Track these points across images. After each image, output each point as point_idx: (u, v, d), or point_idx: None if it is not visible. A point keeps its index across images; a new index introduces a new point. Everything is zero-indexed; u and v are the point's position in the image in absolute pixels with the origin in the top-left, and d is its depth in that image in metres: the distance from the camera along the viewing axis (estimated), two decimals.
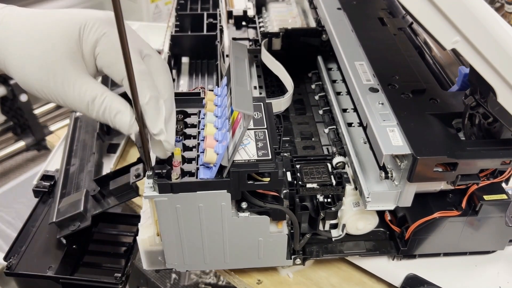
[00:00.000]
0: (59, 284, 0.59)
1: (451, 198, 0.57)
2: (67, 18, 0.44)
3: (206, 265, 0.57)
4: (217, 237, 0.53)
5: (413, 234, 0.56)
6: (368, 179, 0.54)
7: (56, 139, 0.89)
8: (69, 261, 0.62)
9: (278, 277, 0.61)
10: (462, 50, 0.43)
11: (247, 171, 0.47)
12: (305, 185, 0.56)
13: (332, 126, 0.67)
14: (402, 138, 0.50)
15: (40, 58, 0.42)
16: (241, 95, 0.45)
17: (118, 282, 0.58)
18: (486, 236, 0.58)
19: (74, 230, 0.62)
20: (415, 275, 0.58)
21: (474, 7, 0.41)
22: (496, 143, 0.51)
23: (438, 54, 0.68)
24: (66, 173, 0.72)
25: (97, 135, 0.78)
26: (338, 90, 0.71)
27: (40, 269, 0.60)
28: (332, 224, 0.59)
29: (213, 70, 0.79)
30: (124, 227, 0.70)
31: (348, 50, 0.66)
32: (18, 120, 1.80)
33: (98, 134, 0.79)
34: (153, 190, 0.48)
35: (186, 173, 0.47)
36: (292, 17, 0.82)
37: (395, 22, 0.72)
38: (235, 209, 0.51)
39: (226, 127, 0.48)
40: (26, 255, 0.61)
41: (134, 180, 0.61)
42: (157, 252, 0.55)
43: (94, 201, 0.64)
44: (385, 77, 0.59)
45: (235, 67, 0.49)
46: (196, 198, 0.48)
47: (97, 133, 0.79)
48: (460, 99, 0.54)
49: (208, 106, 0.52)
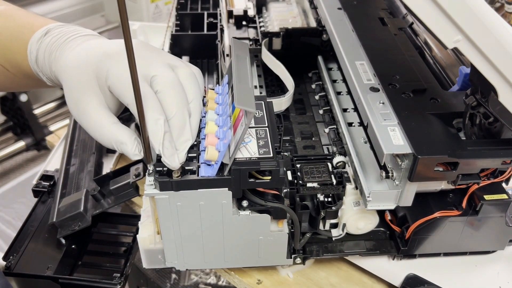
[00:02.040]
0: (58, 284, 0.59)
1: (451, 198, 0.57)
2: (95, 55, 0.49)
3: (206, 264, 0.57)
4: (217, 235, 0.53)
5: (414, 234, 0.56)
6: (368, 179, 0.54)
7: (56, 139, 0.89)
8: (68, 261, 0.62)
9: (278, 277, 0.61)
10: (463, 49, 0.43)
11: (248, 169, 0.47)
12: (305, 184, 0.56)
13: (333, 126, 0.67)
14: (403, 137, 0.50)
15: (71, 89, 0.49)
16: (243, 92, 0.45)
17: (117, 282, 0.58)
18: (486, 236, 0.58)
19: (74, 230, 0.61)
20: (415, 275, 0.58)
21: (476, 6, 0.41)
22: (497, 142, 0.51)
23: (439, 54, 0.68)
24: (66, 173, 0.72)
25: None
26: (339, 90, 0.71)
27: (39, 269, 0.59)
28: (333, 224, 0.59)
29: (213, 70, 0.79)
30: (124, 227, 0.70)
31: (349, 49, 0.66)
32: (18, 120, 1.81)
33: None
34: (154, 188, 0.48)
35: (187, 171, 0.47)
36: (293, 16, 0.82)
37: (395, 22, 0.72)
38: (236, 208, 0.51)
39: (228, 125, 0.48)
40: (25, 255, 0.61)
41: (134, 179, 0.61)
42: (157, 250, 0.55)
43: (94, 201, 0.64)
44: (385, 76, 0.59)
45: (237, 65, 0.49)
46: (197, 196, 0.48)
47: None
48: (460, 99, 0.54)
49: (209, 104, 0.52)
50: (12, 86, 0.66)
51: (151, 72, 0.48)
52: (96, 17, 2.04)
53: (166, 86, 0.47)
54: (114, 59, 0.48)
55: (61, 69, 0.51)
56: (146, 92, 0.46)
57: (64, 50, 0.52)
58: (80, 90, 0.49)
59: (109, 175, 0.65)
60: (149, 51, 0.50)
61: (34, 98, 1.86)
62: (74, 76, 0.49)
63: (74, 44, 0.52)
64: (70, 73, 0.50)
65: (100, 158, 0.77)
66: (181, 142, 0.47)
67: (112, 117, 0.49)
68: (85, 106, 0.48)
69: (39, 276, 0.59)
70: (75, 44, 0.52)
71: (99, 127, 0.48)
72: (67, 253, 0.62)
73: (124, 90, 0.46)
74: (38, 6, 1.81)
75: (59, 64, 0.51)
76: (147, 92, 0.46)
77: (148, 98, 0.46)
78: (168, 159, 0.45)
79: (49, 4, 1.85)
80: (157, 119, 0.45)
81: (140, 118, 0.43)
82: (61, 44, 0.52)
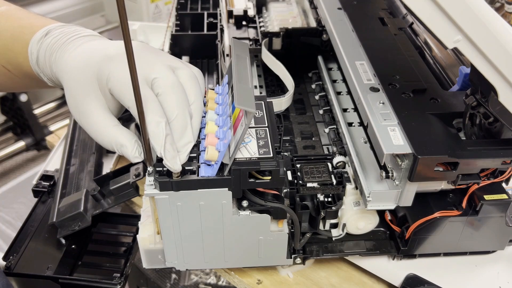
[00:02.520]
0: (58, 284, 0.59)
1: (451, 198, 0.57)
2: (96, 57, 0.50)
3: (206, 264, 0.57)
4: (217, 235, 0.53)
5: (414, 234, 0.56)
6: (368, 179, 0.54)
7: (56, 139, 0.89)
8: (68, 261, 0.62)
9: (278, 277, 0.61)
10: (463, 49, 0.43)
11: (248, 169, 0.47)
12: (305, 184, 0.56)
13: (333, 126, 0.67)
14: (403, 137, 0.50)
15: (72, 90, 0.50)
16: (243, 92, 0.45)
17: (117, 282, 0.58)
18: (486, 236, 0.58)
19: (74, 230, 0.61)
20: (415, 275, 0.58)
21: (476, 6, 0.41)
22: (497, 142, 0.51)
23: (439, 54, 0.68)
24: (66, 173, 0.72)
25: None
26: (339, 90, 0.71)
27: (39, 269, 0.59)
28: (333, 224, 0.59)
29: (213, 70, 0.79)
30: (124, 227, 0.70)
31: (349, 49, 0.66)
32: (18, 120, 1.80)
33: None
34: (154, 188, 0.48)
35: (187, 171, 0.47)
36: (293, 16, 0.82)
37: (395, 22, 0.72)
38: (236, 208, 0.51)
39: (228, 125, 0.48)
40: (26, 255, 0.61)
41: (134, 179, 0.61)
42: (157, 250, 0.55)
43: (94, 201, 0.64)
44: (385, 76, 0.59)
45: (237, 65, 0.49)
46: (197, 196, 0.48)
47: None
48: (460, 99, 0.54)
49: (209, 104, 0.52)
50: (13, 87, 0.66)
51: (152, 75, 0.48)
52: (96, 17, 2.04)
53: (167, 89, 0.47)
54: (115, 61, 0.48)
55: (62, 70, 0.51)
56: (147, 95, 0.46)
57: (65, 51, 0.52)
58: (81, 91, 0.49)
59: (109, 175, 0.65)
60: (150, 53, 0.50)
61: (34, 98, 1.86)
62: (75, 78, 0.49)
63: (75, 45, 0.52)
64: (71, 75, 0.50)
65: (100, 158, 0.77)
66: (183, 144, 0.47)
67: (113, 119, 0.49)
68: (86, 107, 0.49)
69: (39, 276, 0.59)
70: (76, 45, 0.52)
71: (100, 129, 0.48)
72: (67, 253, 0.62)
73: (125, 93, 0.47)
74: (38, 6, 1.81)
75: (60, 65, 0.51)
76: (148, 95, 0.46)
77: (149, 101, 0.46)
78: (170, 162, 0.45)
79: (49, 4, 1.85)
80: (158, 122, 0.45)
81: (141, 121, 0.43)
82: (61, 45, 0.52)
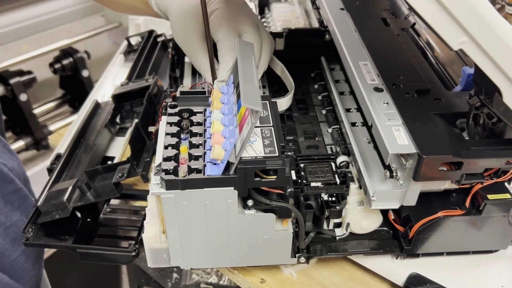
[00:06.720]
0: (76, 253, 0.60)
1: (455, 197, 0.57)
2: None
3: (211, 263, 0.57)
4: (222, 234, 0.53)
5: (417, 233, 0.56)
6: (373, 178, 0.54)
7: (58, 138, 0.88)
8: (85, 232, 0.64)
9: (282, 276, 0.61)
10: (468, 50, 0.43)
11: (254, 168, 0.47)
12: (309, 184, 0.56)
13: (336, 126, 0.67)
14: (407, 137, 0.50)
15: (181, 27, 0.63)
16: (249, 91, 0.45)
17: (132, 249, 0.59)
18: (489, 235, 0.58)
19: (54, 218, 0.61)
20: (418, 274, 0.59)
21: (481, 8, 0.41)
22: (500, 142, 0.51)
23: (441, 55, 0.69)
24: (69, 157, 0.73)
25: (107, 123, 0.79)
26: (341, 90, 0.72)
27: (57, 240, 0.61)
28: (336, 223, 0.59)
29: None
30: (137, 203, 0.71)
31: (352, 50, 0.66)
32: (18, 119, 1.80)
33: (107, 125, 0.79)
34: (160, 187, 0.48)
35: (193, 170, 0.47)
36: (295, 17, 0.82)
37: (398, 22, 0.73)
38: (241, 207, 0.51)
39: (234, 124, 0.48)
40: (43, 227, 0.62)
41: (117, 179, 0.62)
42: (162, 249, 0.55)
43: (80, 193, 0.64)
44: (389, 77, 0.60)
45: (242, 64, 0.49)
46: (203, 195, 0.48)
47: (106, 123, 0.79)
48: (464, 99, 0.54)
49: (215, 103, 0.52)
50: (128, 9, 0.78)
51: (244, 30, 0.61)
52: (96, 17, 2.04)
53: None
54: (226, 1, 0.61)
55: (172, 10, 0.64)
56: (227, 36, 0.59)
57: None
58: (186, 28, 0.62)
59: (98, 170, 0.65)
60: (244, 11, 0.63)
61: (34, 97, 1.86)
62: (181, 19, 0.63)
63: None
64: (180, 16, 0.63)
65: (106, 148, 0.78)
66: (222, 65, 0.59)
67: (205, 45, 0.60)
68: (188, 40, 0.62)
69: (58, 246, 0.60)
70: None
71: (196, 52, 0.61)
72: (82, 225, 0.64)
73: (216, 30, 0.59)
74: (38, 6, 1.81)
75: None
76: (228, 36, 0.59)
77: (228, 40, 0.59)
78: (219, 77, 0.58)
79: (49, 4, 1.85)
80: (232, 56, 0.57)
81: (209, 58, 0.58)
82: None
